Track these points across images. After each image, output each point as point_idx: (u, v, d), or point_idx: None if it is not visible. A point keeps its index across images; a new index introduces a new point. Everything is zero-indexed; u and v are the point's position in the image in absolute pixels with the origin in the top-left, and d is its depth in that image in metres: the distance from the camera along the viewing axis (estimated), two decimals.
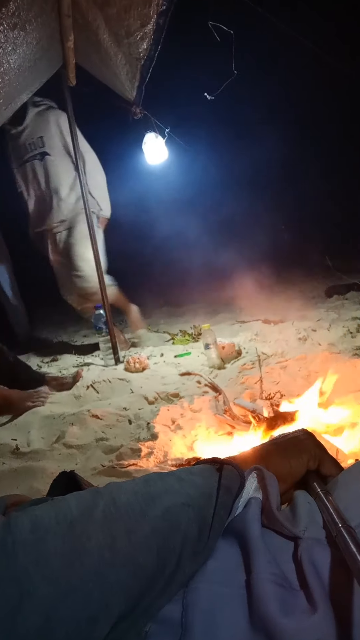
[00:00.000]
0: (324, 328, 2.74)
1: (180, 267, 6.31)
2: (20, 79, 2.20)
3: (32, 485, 1.36)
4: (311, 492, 0.59)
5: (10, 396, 2.03)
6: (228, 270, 5.04)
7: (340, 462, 0.68)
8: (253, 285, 4.21)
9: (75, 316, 5.31)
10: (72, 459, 1.55)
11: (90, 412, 1.84)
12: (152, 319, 4.63)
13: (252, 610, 0.44)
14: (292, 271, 5.23)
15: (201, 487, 0.52)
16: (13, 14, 1.66)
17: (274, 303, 4.15)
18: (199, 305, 4.92)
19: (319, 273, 4.87)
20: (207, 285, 5.80)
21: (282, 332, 2.87)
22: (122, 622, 0.41)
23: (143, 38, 2.16)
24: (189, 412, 1.79)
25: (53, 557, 0.39)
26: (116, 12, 1.99)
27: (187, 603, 0.45)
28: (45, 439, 1.78)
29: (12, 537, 0.39)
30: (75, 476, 0.66)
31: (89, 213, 2.80)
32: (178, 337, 3.36)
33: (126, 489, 0.48)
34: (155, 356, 2.90)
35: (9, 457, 1.62)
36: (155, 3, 1.94)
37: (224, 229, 6.44)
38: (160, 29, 2.08)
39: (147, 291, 5.91)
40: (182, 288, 5.88)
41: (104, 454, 1.54)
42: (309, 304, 3.84)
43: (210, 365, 2.43)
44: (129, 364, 2.57)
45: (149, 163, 3.13)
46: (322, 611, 0.42)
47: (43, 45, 2.15)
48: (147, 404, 1.98)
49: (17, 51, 1.90)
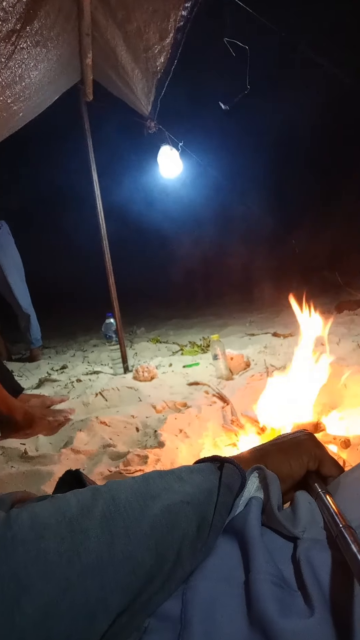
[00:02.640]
0: (334, 342, 2.74)
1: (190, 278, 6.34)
2: (39, 93, 2.27)
3: (39, 488, 1.37)
4: (312, 493, 0.59)
5: (33, 413, 1.98)
6: (238, 284, 5.05)
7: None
8: (263, 300, 4.23)
9: (85, 325, 5.38)
10: (80, 464, 1.56)
11: (98, 419, 1.85)
12: (161, 330, 4.66)
13: (250, 610, 0.44)
14: (303, 287, 5.23)
15: (201, 485, 0.52)
16: (37, 32, 1.73)
17: (284, 317, 4.16)
18: (209, 317, 4.94)
19: (330, 289, 4.87)
20: (217, 299, 5.82)
21: (291, 346, 2.87)
22: (121, 617, 0.41)
23: (161, 52, 2.23)
24: (196, 422, 1.79)
25: (52, 554, 0.39)
26: (136, 26, 2.05)
27: (186, 599, 0.45)
28: (53, 444, 1.79)
29: (11, 533, 0.39)
30: (81, 475, 0.66)
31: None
32: (187, 348, 3.37)
33: (125, 487, 0.48)
34: (164, 366, 2.91)
35: (17, 461, 1.64)
36: (174, 18, 2.00)
37: (235, 243, 6.47)
38: (178, 44, 2.15)
39: (157, 303, 5.95)
40: (191, 300, 5.91)
41: (111, 459, 1.55)
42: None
43: (219, 376, 2.43)
44: (138, 373, 2.59)
45: (163, 176, 3.18)
46: (320, 613, 0.42)
47: (63, 62, 2.23)
48: (155, 413, 1.99)
49: (38, 67, 1.97)
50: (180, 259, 6.33)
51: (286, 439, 0.68)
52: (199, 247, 6.01)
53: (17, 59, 1.74)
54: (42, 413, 2.00)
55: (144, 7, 1.92)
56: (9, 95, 1.91)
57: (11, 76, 1.80)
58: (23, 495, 0.71)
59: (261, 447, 0.68)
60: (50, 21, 1.77)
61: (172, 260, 6.56)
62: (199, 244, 5.94)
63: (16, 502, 0.68)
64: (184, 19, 1.96)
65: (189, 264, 6.36)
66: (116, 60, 2.33)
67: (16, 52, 1.69)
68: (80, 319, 5.85)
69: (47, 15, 1.72)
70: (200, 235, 5.78)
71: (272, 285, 5.10)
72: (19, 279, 3.71)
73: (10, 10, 1.46)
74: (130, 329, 4.78)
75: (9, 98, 1.93)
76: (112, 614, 0.40)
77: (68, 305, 6.44)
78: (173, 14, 1.96)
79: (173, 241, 5.93)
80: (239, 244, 6.23)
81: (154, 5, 1.91)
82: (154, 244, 6.98)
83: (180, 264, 6.37)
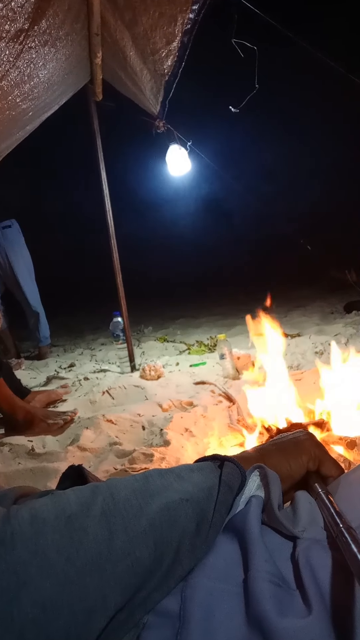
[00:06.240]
0: (342, 343, 2.72)
1: (198, 275, 6.33)
2: (49, 92, 2.29)
3: (46, 484, 1.38)
4: (312, 493, 0.59)
5: (35, 414, 1.97)
6: (246, 284, 5.03)
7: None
8: (271, 299, 4.21)
9: (93, 324, 5.40)
10: (86, 461, 1.57)
11: (104, 417, 1.86)
12: (169, 329, 4.66)
13: (248, 608, 0.44)
14: (312, 287, 5.21)
15: (201, 484, 0.52)
16: (44, 32, 1.74)
17: (292, 317, 4.14)
18: (217, 317, 4.93)
19: (339, 289, 4.83)
20: (226, 298, 5.81)
21: (298, 346, 2.85)
22: (120, 614, 0.41)
23: (168, 55, 2.23)
24: (202, 421, 1.79)
25: (51, 550, 0.39)
26: (143, 30, 2.06)
27: (185, 596, 0.45)
28: (60, 442, 1.81)
29: (10, 529, 0.40)
30: (83, 470, 0.66)
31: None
32: (194, 347, 3.37)
33: (125, 485, 0.49)
34: (171, 365, 2.91)
35: (25, 457, 1.66)
36: (181, 22, 2.00)
37: (244, 241, 6.45)
38: (185, 47, 2.15)
39: (164, 303, 5.95)
40: (198, 299, 5.90)
41: (116, 457, 1.56)
42: (327, 319, 3.81)
43: (225, 375, 2.43)
44: (145, 371, 2.60)
45: (171, 174, 3.18)
46: (317, 612, 0.42)
47: (72, 61, 2.23)
48: (161, 411, 2.00)
49: (47, 66, 1.98)
50: (188, 258, 6.33)
51: (286, 439, 0.68)
52: (207, 245, 6.00)
53: (26, 58, 1.75)
54: (44, 414, 2.00)
55: (150, 12, 1.92)
56: (17, 94, 1.92)
57: (20, 75, 1.81)
58: (26, 490, 0.72)
59: (261, 446, 0.68)
60: (59, 21, 1.78)
61: (180, 258, 6.56)
62: (208, 243, 5.93)
63: (19, 497, 0.69)
64: (191, 22, 1.96)
65: (197, 263, 6.35)
66: (125, 61, 2.34)
67: (24, 51, 1.69)
68: (88, 318, 5.88)
69: (56, 14, 1.73)
70: (208, 234, 5.77)
71: (281, 285, 5.08)
72: (28, 277, 3.74)
73: (18, 10, 1.47)
74: (138, 327, 4.79)
75: (18, 97, 1.95)
76: (110, 611, 0.40)
77: (77, 304, 6.48)
78: (180, 17, 1.95)
79: (181, 240, 5.93)
80: (247, 243, 6.22)
81: (160, 9, 1.90)
82: (162, 242, 6.99)
83: (188, 262, 6.37)
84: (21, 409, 1.97)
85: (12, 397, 1.98)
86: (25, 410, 1.97)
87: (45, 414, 2.00)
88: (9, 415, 1.96)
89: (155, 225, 6.65)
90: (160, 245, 7.32)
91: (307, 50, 1.91)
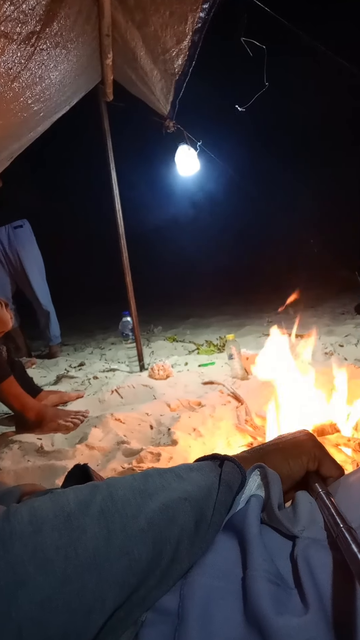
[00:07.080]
0: (352, 344, 2.70)
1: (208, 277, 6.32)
2: (60, 93, 2.30)
3: (54, 482, 1.40)
4: (312, 493, 0.59)
5: (46, 413, 1.98)
6: (257, 285, 5.01)
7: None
8: (282, 301, 4.19)
9: (103, 323, 5.43)
10: (94, 459, 1.58)
11: (113, 416, 1.88)
12: (178, 329, 4.67)
13: (246, 606, 0.44)
14: (323, 288, 5.17)
15: (200, 483, 0.52)
16: (56, 33, 1.76)
17: (302, 318, 4.11)
18: (226, 317, 4.92)
19: (350, 290, 4.79)
20: (236, 298, 5.80)
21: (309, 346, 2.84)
22: (118, 612, 0.42)
23: (178, 54, 2.23)
24: (210, 421, 1.79)
25: (49, 549, 0.39)
26: (153, 30, 2.06)
27: (184, 594, 0.46)
28: (68, 440, 1.82)
29: (10, 527, 0.40)
30: (88, 469, 0.67)
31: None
32: (203, 347, 3.37)
33: (124, 484, 0.49)
34: (180, 364, 2.92)
35: (33, 455, 1.68)
36: (191, 21, 2.00)
37: (254, 243, 6.42)
38: (195, 46, 2.15)
39: (174, 302, 5.95)
40: (208, 299, 5.90)
41: (124, 456, 1.57)
42: (337, 320, 3.78)
43: (234, 376, 2.42)
44: (153, 371, 2.60)
45: (180, 175, 3.18)
46: (314, 611, 0.42)
47: (83, 62, 2.25)
48: (169, 411, 2.00)
49: (58, 68, 2.00)
50: (198, 258, 6.33)
51: (286, 439, 0.68)
52: (216, 246, 6.00)
53: (37, 60, 1.77)
54: (55, 414, 2.00)
55: (160, 11, 1.92)
56: (29, 95, 1.94)
57: (31, 77, 1.83)
58: (32, 488, 0.73)
59: (261, 446, 0.67)
60: (70, 22, 1.80)
61: (190, 258, 6.56)
62: (217, 243, 5.92)
63: (25, 494, 0.70)
64: (202, 21, 1.96)
65: (207, 263, 6.35)
66: (135, 61, 2.35)
67: (36, 53, 1.71)
68: (99, 317, 5.91)
69: (67, 16, 1.75)
70: (218, 235, 5.77)
71: (292, 285, 5.03)
72: (39, 277, 3.77)
73: (30, 12, 1.48)
74: (148, 327, 4.81)
75: (29, 99, 1.97)
76: (108, 609, 0.41)
77: (87, 304, 6.52)
78: (190, 16, 1.95)
79: (191, 241, 5.94)
80: (257, 243, 6.19)
81: (171, 8, 1.91)
82: (171, 243, 6.99)
83: (199, 262, 6.36)
84: (32, 407, 1.98)
85: (24, 396, 1.99)
86: (36, 408, 1.99)
87: (56, 413, 2.01)
88: (20, 414, 1.98)
89: (165, 224, 6.66)
90: (169, 244, 7.33)
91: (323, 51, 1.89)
